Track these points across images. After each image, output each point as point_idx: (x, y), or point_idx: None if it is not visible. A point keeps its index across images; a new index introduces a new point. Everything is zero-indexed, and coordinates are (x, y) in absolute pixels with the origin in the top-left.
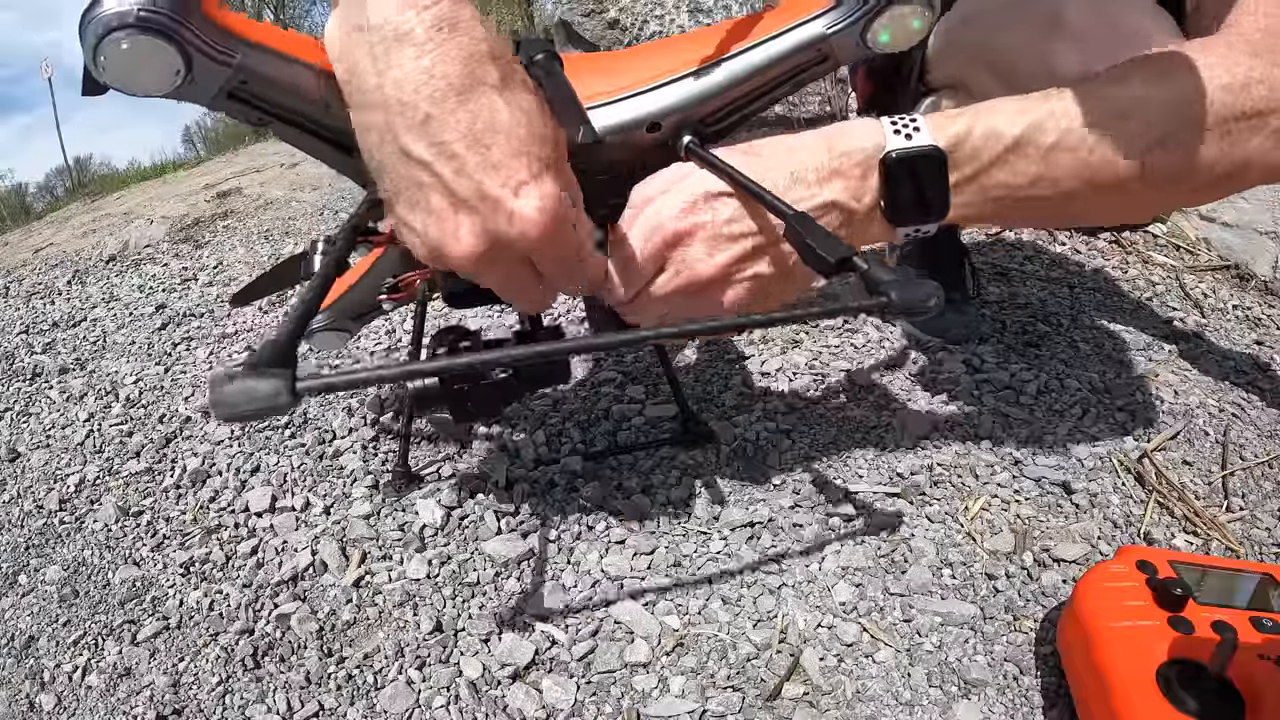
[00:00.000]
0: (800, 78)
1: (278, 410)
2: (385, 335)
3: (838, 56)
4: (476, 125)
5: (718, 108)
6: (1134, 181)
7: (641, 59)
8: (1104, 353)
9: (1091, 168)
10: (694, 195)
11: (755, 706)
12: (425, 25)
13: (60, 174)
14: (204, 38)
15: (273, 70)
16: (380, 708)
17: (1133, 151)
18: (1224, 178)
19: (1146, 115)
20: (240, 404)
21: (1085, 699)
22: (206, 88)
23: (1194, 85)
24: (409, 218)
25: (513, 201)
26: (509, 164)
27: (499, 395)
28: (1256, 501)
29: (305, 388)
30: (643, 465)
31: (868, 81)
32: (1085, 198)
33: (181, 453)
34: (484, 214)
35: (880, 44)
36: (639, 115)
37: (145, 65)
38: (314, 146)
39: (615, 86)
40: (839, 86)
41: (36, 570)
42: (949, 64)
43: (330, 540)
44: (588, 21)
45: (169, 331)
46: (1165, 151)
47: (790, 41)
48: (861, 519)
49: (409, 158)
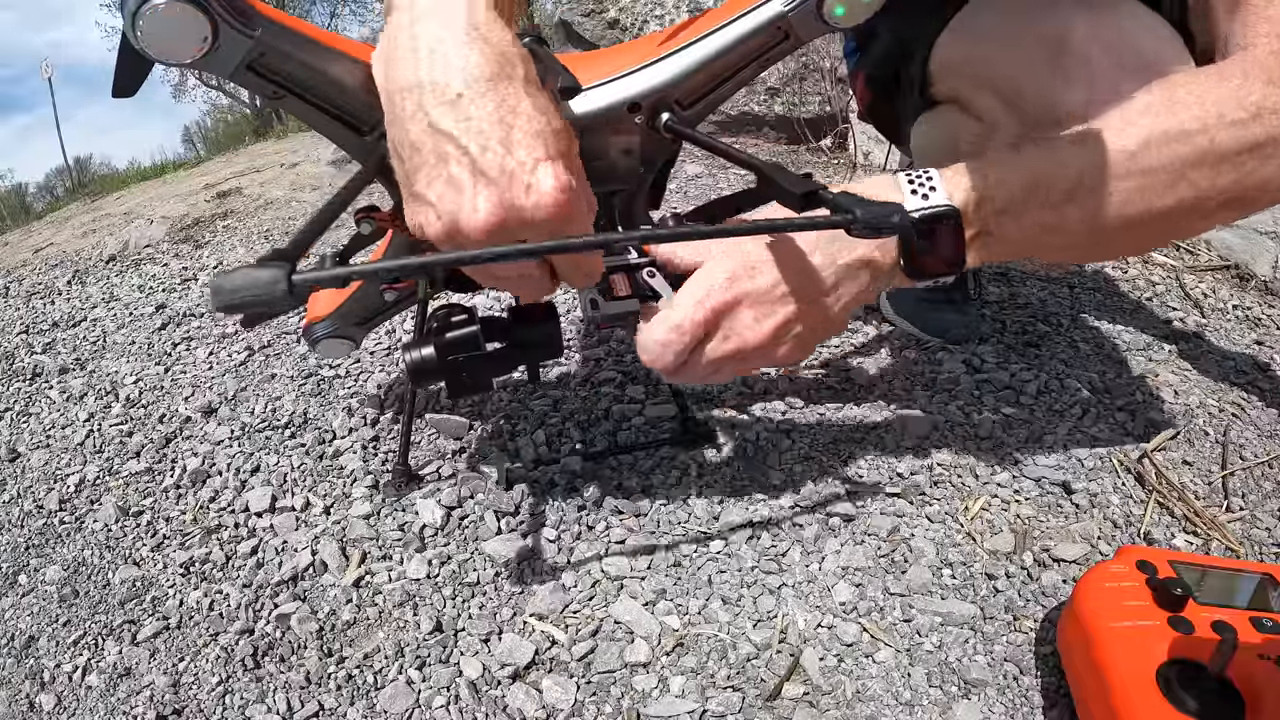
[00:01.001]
0: (767, 56)
1: (274, 301)
2: (385, 335)
3: (798, 33)
4: (503, 108)
5: (691, 87)
6: (1147, 224)
7: (621, 53)
8: (1104, 353)
9: (1104, 217)
10: (735, 267)
11: (755, 706)
12: (465, 22)
13: (60, 174)
14: (230, 10)
15: (289, 46)
16: (380, 708)
17: (1143, 199)
18: (1237, 203)
19: (1156, 161)
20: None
21: (1085, 699)
22: (229, 58)
23: (1203, 124)
24: (426, 191)
25: (531, 176)
26: (530, 142)
27: (494, 368)
28: (1256, 501)
29: (303, 279)
30: (643, 465)
31: (867, 89)
32: (1100, 242)
33: (181, 453)
34: (503, 186)
35: (835, 17)
36: (619, 98)
37: (178, 32)
38: (323, 123)
39: (598, 74)
40: (839, 87)
41: (36, 570)
42: (951, 80)
43: (330, 540)
44: (588, 21)
45: (169, 331)
46: (1176, 192)
47: (752, 22)
48: (861, 519)
49: (436, 130)
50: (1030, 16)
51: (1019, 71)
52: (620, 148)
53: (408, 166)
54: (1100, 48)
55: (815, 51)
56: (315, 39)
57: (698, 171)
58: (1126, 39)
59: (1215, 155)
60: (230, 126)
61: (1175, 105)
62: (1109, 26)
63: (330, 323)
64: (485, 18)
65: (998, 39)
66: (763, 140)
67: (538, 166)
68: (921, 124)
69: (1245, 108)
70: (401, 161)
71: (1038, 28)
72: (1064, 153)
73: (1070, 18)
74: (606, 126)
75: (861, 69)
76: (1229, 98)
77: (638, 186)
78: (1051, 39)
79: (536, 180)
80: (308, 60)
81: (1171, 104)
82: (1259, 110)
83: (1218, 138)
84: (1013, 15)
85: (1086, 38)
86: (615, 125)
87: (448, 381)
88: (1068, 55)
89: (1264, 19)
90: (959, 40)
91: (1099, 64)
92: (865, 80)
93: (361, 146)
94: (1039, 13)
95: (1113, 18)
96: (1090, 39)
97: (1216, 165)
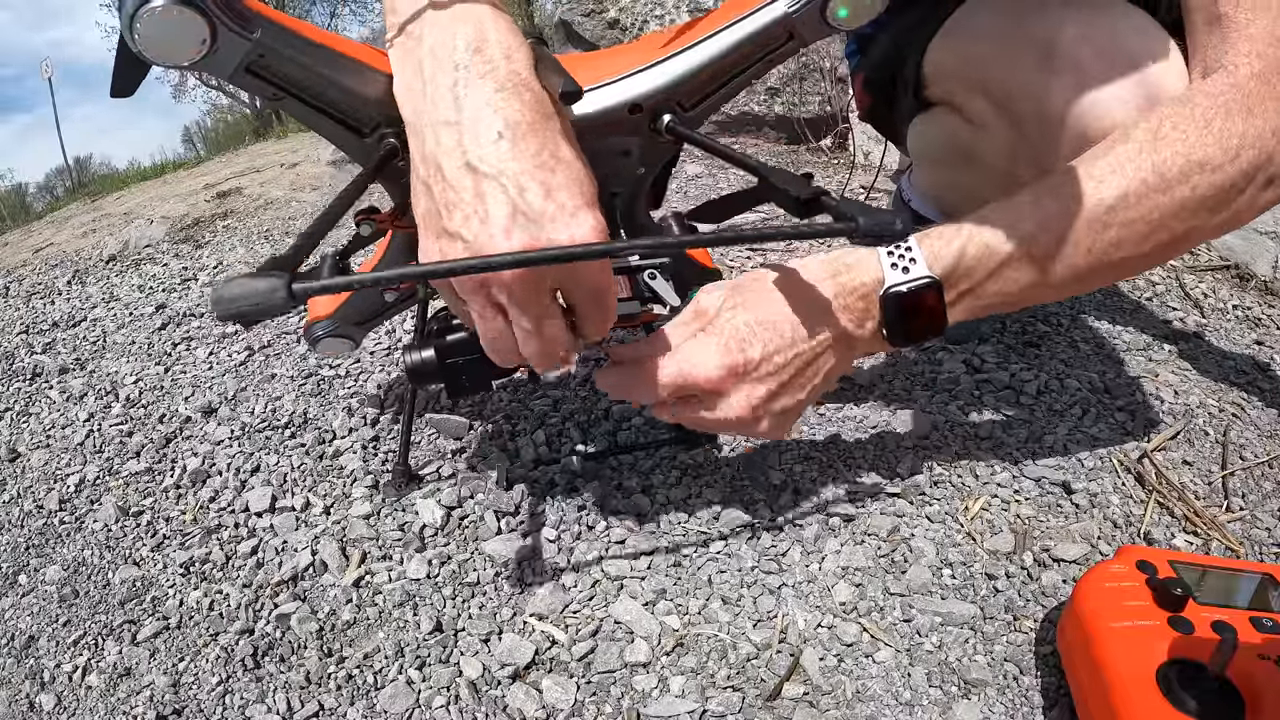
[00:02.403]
0: (770, 57)
1: (274, 308)
2: (385, 335)
3: (803, 34)
4: (543, 153)
5: (693, 88)
6: (1130, 263)
7: (622, 53)
8: (1104, 353)
9: (1085, 267)
10: (726, 341)
11: (755, 706)
12: (506, 69)
13: (60, 174)
14: (229, 12)
15: (289, 48)
16: (380, 708)
17: (1124, 247)
18: (1230, 224)
19: (1137, 213)
20: (239, 298)
21: (1085, 699)
22: (227, 60)
23: (1184, 173)
24: (461, 228)
25: (570, 219)
26: (570, 187)
27: (493, 370)
28: (1256, 501)
29: (303, 288)
30: (643, 465)
31: (865, 93)
32: (1082, 284)
33: (181, 453)
34: (541, 227)
35: (839, 19)
36: (622, 99)
37: (175, 34)
38: (324, 125)
39: (599, 75)
40: (839, 86)
41: (36, 570)
42: (945, 83)
43: (330, 540)
44: (588, 21)
45: (169, 331)
46: (1156, 238)
47: (756, 23)
48: (861, 519)
49: (475, 171)
50: (1021, 19)
51: (1010, 74)
52: (620, 149)
53: (439, 201)
54: (1091, 50)
55: (815, 52)
56: (315, 41)
57: (698, 171)
58: (1117, 41)
59: (1195, 202)
60: (230, 126)
61: (1159, 149)
62: (1099, 28)
63: (331, 322)
64: (524, 64)
65: (989, 42)
66: (763, 140)
67: (578, 211)
68: (917, 125)
69: (1227, 150)
70: (430, 194)
71: (1028, 30)
72: (1045, 209)
73: (1060, 20)
74: (607, 128)
75: (861, 71)
76: (1213, 144)
77: (638, 187)
78: (1042, 42)
79: (576, 224)
80: (307, 62)
81: (1155, 148)
82: (1239, 148)
83: (1199, 186)
84: (1004, 18)
85: (1076, 39)
86: (616, 127)
87: (447, 383)
88: (1058, 58)
89: (1245, 38)
90: (952, 43)
91: (1089, 66)
92: (864, 83)
93: (362, 148)
94: (1029, 15)
95: (1104, 19)
96: (1080, 41)
97: (1196, 211)
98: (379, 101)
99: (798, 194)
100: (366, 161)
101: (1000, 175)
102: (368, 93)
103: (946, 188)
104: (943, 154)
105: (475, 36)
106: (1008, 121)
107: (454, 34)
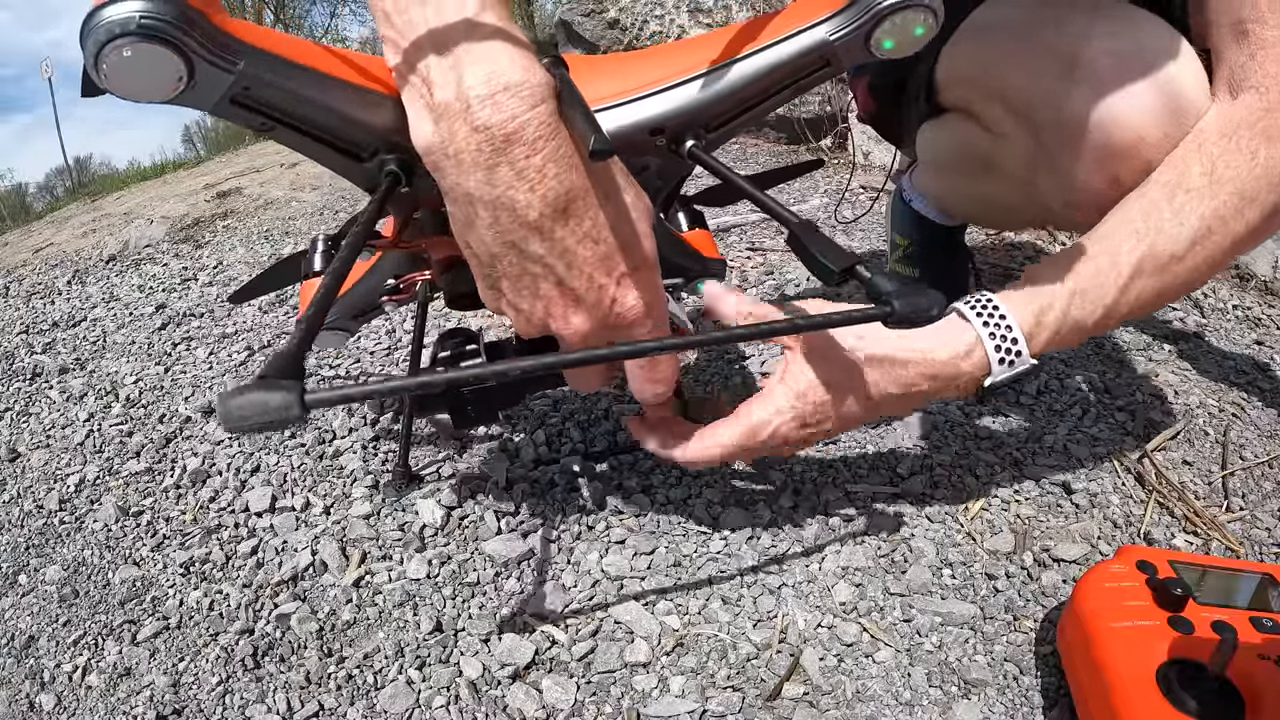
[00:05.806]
0: (803, 82)
1: (287, 423)
2: (385, 335)
3: (841, 62)
4: (580, 228)
5: (720, 112)
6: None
7: (645, 63)
8: (1104, 353)
9: (1146, 307)
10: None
11: (755, 706)
12: (533, 127)
13: (60, 174)
14: (207, 44)
15: (277, 76)
16: (380, 708)
17: (1183, 284)
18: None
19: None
20: (251, 416)
21: (1085, 699)
22: (209, 94)
23: (1238, 210)
24: (517, 300)
25: (616, 291)
26: (612, 260)
27: (499, 400)
28: (1256, 501)
29: (315, 400)
30: (643, 465)
31: (870, 98)
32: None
33: (181, 453)
34: (591, 303)
35: (884, 50)
36: (642, 119)
37: (147, 73)
38: (319, 151)
39: (619, 90)
40: (839, 86)
41: (36, 570)
42: (960, 89)
43: (330, 540)
44: (588, 21)
45: (169, 331)
46: (1213, 268)
47: (794, 47)
48: (861, 519)
49: (522, 253)
50: (1041, 28)
51: (1031, 83)
52: (638, 166)
53: (486, 269)
54: (1113, 60)
55: None
56: (306, 66)
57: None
58: (1140, 50)
59: (1245, 234)
60: (231, 126)
61: (1217, 194)
62: (1122, 38)
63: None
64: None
65: (1009, 50)
66: (763, 140)
67: (621, 282)
68: (927, 131)
69: (1273, 182)
70: (477, 259)
71: (1049, 39)
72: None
73: (1082, 30)
74: (623, 148)
75: (866, 75)
76: (1261, 176)
77: (653, 199)
78: (1063, 51)
79: (621, 297)
80: (298, 89)
81: (1214, 193)
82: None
83: (1251, 219)
84: (1023, 26)
85: (1099, 49)
86: (633, 147)
87: (453, 413)
88: (1080, 67)
89: (1273, 57)
90: (968, 50)
91: (1112, 76)
92: (869, 88)
93: (362, 173)
94: (1050, 24)
95: (1126, 28)
96: (1103, 50)
97: (1245, 242)
98: (379, 127)
99: (833, 264)
100: (368, 184)
101: (1019, 183)
102: (366, 118)
103: (957, 193)
104: (956, 160)
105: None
106: (1027, 130)
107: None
